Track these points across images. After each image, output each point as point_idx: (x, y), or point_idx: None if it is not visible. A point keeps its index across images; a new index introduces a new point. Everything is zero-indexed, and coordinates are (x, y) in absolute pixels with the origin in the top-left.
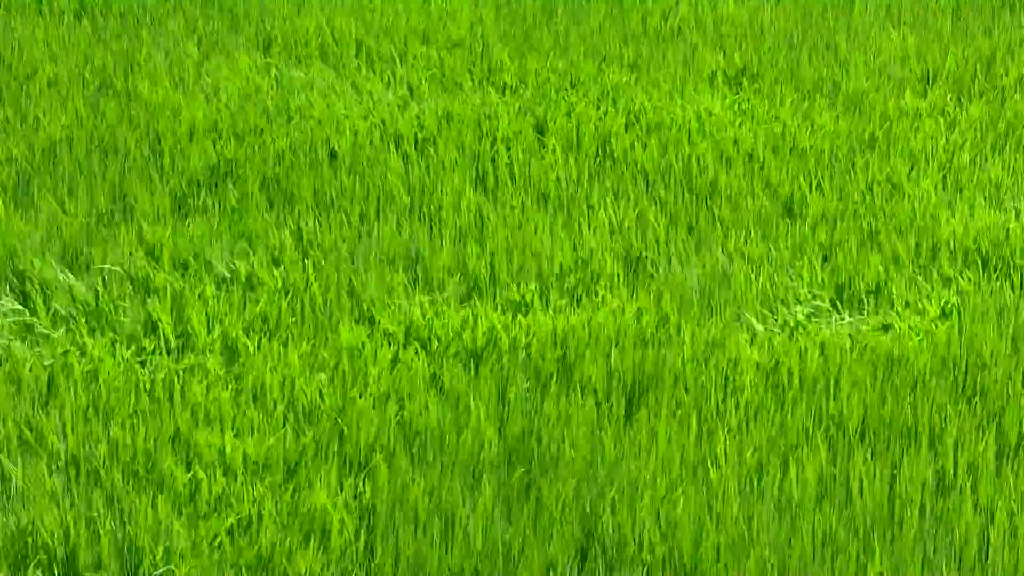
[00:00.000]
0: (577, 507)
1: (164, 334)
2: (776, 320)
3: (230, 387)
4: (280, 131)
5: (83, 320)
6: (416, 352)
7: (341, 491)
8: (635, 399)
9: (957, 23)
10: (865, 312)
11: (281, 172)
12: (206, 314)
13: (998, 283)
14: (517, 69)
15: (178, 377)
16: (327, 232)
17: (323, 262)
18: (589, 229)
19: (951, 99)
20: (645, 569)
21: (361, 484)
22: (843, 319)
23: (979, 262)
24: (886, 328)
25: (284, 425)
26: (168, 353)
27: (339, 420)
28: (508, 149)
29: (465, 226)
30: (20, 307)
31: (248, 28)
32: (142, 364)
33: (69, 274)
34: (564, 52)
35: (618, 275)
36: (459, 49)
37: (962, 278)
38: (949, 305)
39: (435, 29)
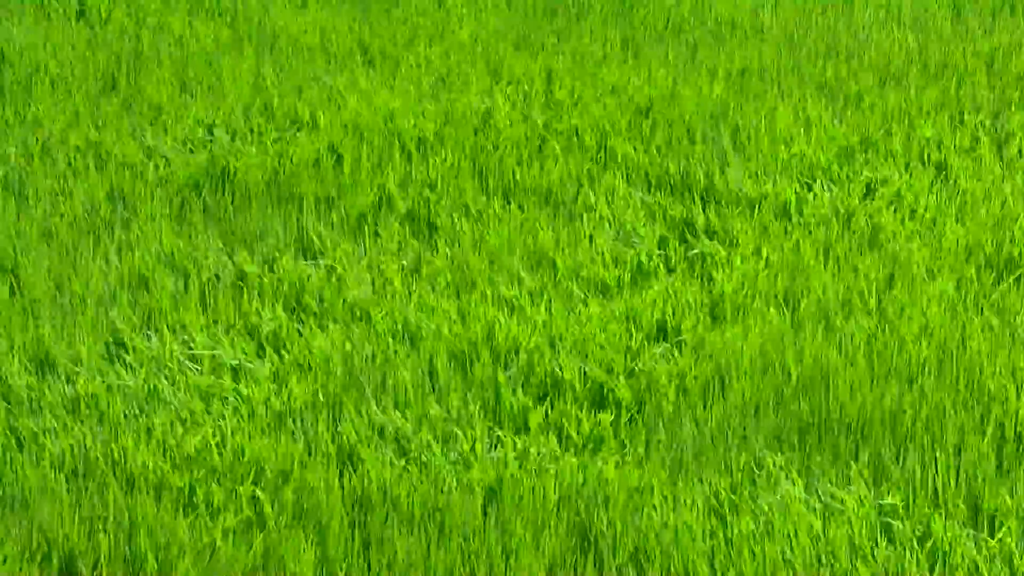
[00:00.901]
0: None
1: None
2: None
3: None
4: (279, 134)
5: None
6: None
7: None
8: None
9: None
10: None
11: (284, 173)
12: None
13: None
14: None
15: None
16: (328, 231)
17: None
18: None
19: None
20: None
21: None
22: None
23: None
24: None
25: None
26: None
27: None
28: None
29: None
30: None
31: (248, 29)
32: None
33: None
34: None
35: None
36: (459, 49)
37: None
38: None
39: (433, 28)
